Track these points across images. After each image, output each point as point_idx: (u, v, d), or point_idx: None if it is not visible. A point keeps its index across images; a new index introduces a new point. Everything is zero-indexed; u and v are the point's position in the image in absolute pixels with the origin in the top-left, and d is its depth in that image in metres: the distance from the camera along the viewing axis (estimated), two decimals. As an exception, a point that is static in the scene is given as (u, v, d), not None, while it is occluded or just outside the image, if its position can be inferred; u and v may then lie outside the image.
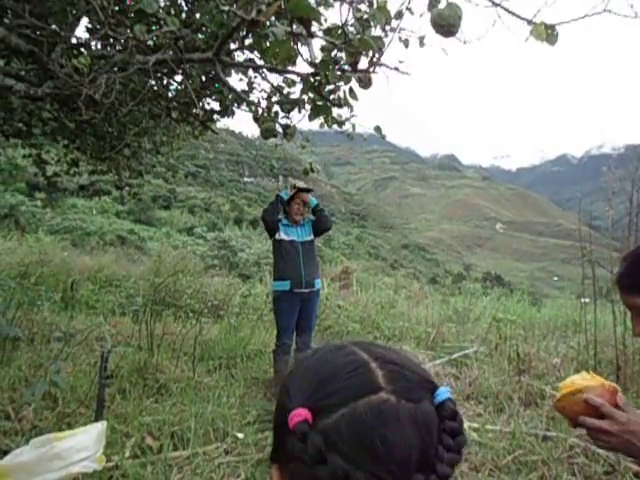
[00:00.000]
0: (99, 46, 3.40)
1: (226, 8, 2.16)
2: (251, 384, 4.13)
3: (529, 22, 1.92)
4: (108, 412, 3.00)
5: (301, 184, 4.09)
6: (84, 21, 3.28)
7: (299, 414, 0.47)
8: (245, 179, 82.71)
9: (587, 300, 4.51)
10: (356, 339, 0.58)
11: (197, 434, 2.94)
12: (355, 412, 0.47)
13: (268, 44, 2.30)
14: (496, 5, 1.98)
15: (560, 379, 3.93)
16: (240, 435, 3.02)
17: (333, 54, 2.32)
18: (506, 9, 1.96)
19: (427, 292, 10.10)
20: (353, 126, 3.04)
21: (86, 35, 3.45)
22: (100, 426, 1.92)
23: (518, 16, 1.95)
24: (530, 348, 4.75)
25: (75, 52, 3.16)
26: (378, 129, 2.90)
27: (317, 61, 2.31)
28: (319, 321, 5.62)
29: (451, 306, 7.92)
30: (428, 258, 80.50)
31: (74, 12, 2.82)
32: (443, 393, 0.50)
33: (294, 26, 2.19)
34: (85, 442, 1.82)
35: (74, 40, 3.19)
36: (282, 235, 4.06)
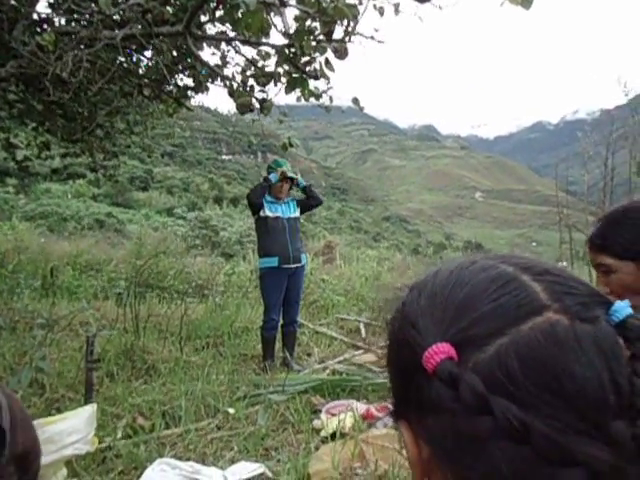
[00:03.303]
0: (63, 22, 3.26)
1: (194, -22, 2.08)
2: (239, 360, 4.18)
3: (504, -14, 1.90)
4: (97, 395, 3.00)
5: (291, 174, 4.14)
6: (45, -5, 3.12)
7: (440, 350, 0.35)
8: (223, 157, 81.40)
9: (565, 264, 4.64)
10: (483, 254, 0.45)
11: (188, 412, 2.97)
12: (520, 340, 0.34)
13: (240, 15, 2.24)
14: (471, -31, 1.95)
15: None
16: (231, 410, 3.07)
17: (307, 24, 2.27)
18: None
19: (409, 263, 10.22)
20: (330, 98, 3.01)
21: (48, 10, 3.30)
22: (90, 409, 1.93)
23: (493, -20, 1.93)
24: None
25: (38, 29, 3.03)
26: (356, 101, 2.88)
27: (291, 32, 2.26)
28: (304, 295, 5.66)
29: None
30: (410, 229, 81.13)
31: (34, -14, 2.69)
32: (622, 308, 0.37)
33: (266, -5, 2.13)
34: (76, 425, 1.83)
35: (36, 16, 3.05)
36: (267, 212, 4.04)
